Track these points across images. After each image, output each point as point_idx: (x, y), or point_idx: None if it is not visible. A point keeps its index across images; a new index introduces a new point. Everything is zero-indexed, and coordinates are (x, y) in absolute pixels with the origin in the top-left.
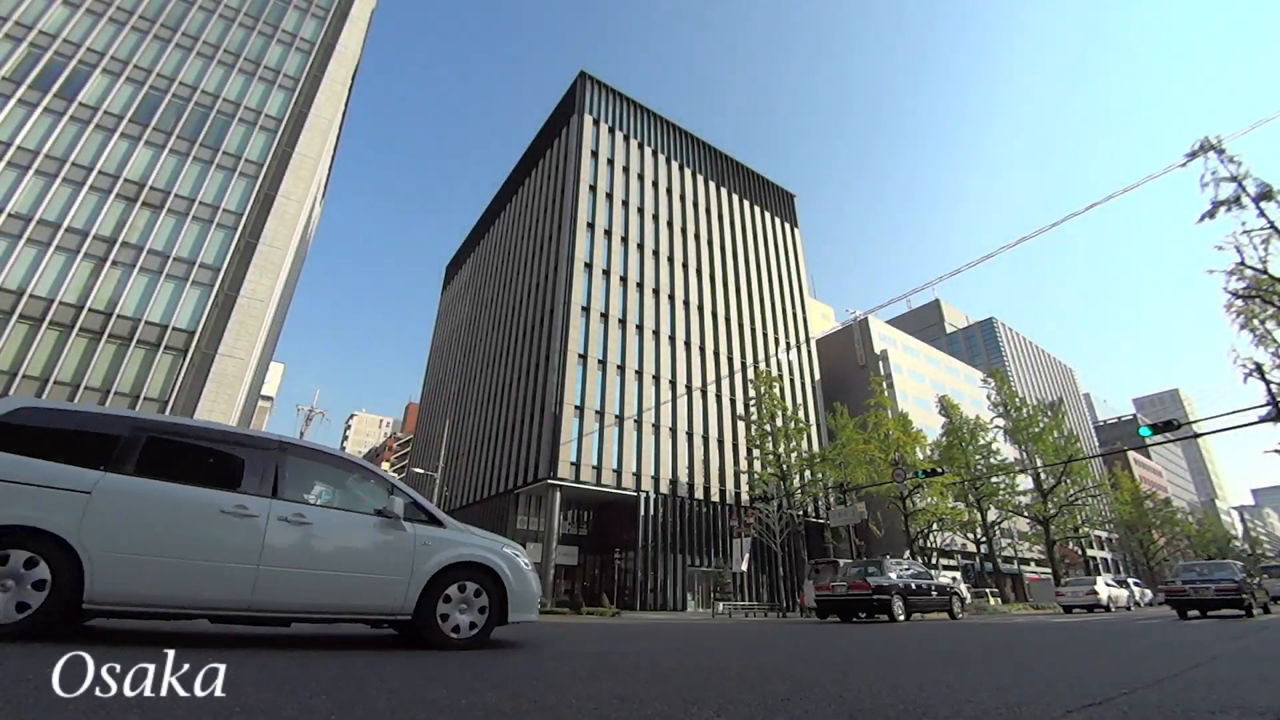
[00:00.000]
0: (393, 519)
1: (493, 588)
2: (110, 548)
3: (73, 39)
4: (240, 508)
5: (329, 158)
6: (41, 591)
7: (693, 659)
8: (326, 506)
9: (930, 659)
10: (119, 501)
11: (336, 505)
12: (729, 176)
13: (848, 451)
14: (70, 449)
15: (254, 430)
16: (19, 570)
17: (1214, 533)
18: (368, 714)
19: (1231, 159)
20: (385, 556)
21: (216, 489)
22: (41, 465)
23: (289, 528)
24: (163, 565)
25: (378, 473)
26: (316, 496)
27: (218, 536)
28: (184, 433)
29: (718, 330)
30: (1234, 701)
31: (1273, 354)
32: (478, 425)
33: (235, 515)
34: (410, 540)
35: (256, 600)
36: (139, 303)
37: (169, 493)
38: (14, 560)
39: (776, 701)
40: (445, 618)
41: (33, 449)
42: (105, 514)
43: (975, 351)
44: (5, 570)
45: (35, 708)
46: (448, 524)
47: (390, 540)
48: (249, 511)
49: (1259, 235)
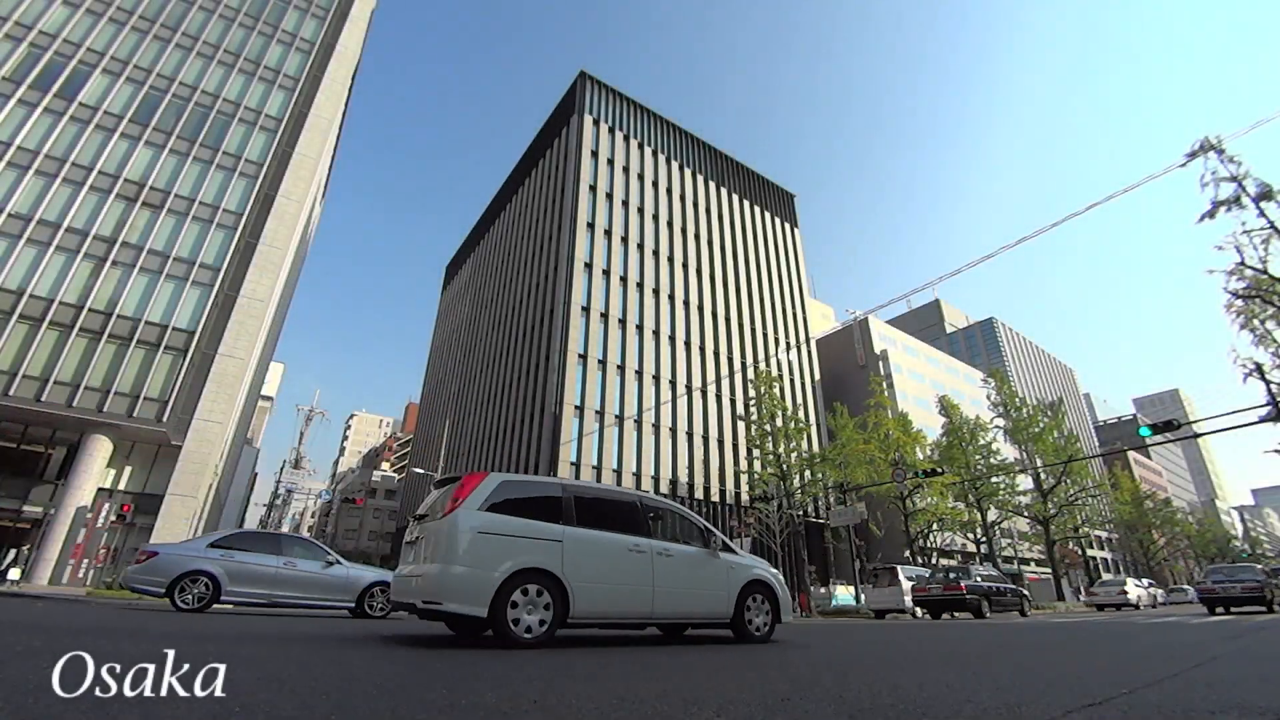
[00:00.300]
0: (713, 551)
1: (771, 597)
2: (578, 579)
3: (73, 39)
4: (637, 546)
5: (329, 158)
6: (549, 612)
7: (692, 658)
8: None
9: (930, 659)
10: (576, 546)
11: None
12: (729, 176)
13: (848, 451)
14: (537, 510)
15: (620, 488)
16: (535, 598)
17: (1214, 533)
18: (367, 714)
19: (1231, 159)
20: (714, 578)
21: (618, 533)
22: (536, 524)
23: (664, 559)
24: (606, 589)
25: (694, 517)
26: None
27: (629, 567)
28: (589, 492)
29: (718, 330)
30: (1234, 701)
31: (1273, 354)
32: (478, 425)
33: (635, 552)
34: (724, 566)
35: (655, 611)
36: (139, 303)
37: (599, 537)
38: (531, 591)
39: (776, 701)
40: (750, 621)
41: (517, 511)
42: (572, 555)
43: (975, 351)
44: (531, 599)
45: (35, 708)
46: (739, 553)
47: (715, 566)
48: (641, 549)
49: (1259, 235)
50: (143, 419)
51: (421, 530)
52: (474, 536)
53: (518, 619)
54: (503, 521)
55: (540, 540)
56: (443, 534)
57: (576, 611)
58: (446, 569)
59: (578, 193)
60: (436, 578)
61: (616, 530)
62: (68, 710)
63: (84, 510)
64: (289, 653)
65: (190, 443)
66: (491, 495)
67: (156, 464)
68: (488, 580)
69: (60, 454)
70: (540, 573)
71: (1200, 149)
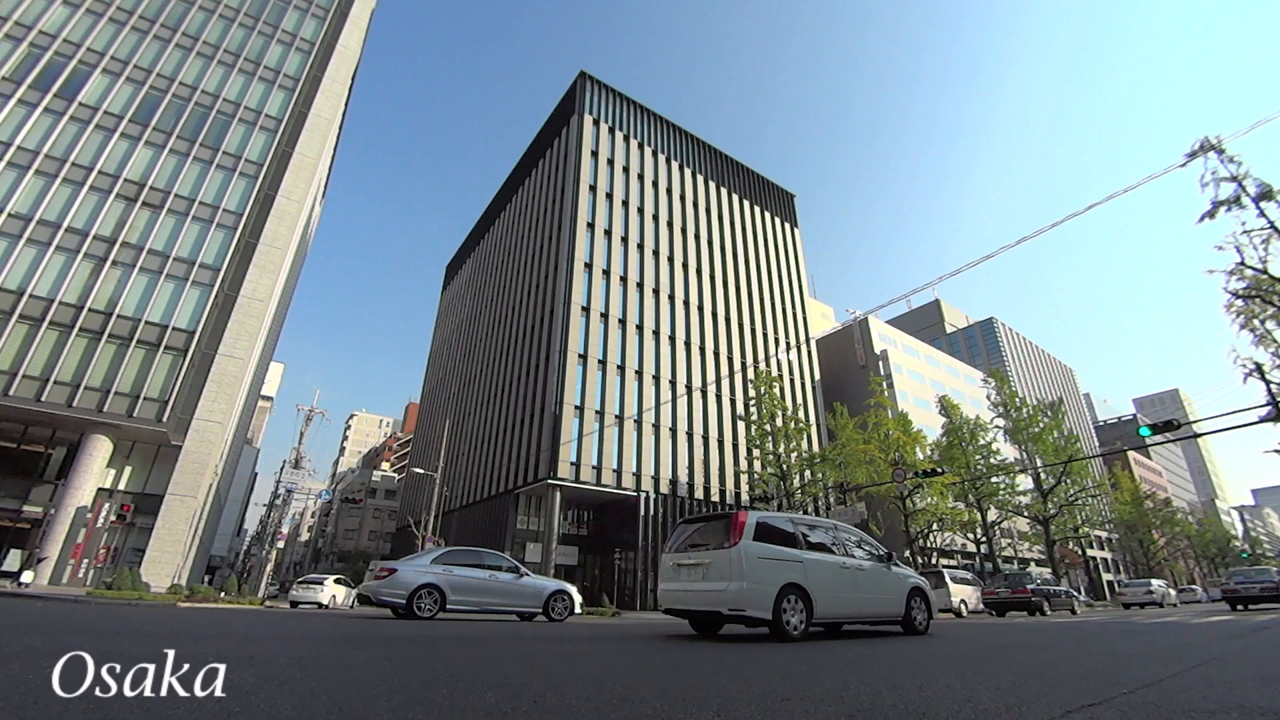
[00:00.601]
0: (886, 563)
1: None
2: (817, 590)
3: (73, 39)
4: (844, 564)
5: (329, 158)
6: (804, 614)
7: (693, 658)
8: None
9: (930, 659)
10: (812, 566)
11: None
12: (729, 176)
13: (848, 451)
14: (780, 539)
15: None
16: (794, 604)
17: (1214, 533)
18: (367, 714)
19: (1231, 159)
20: (891, 585)
21: (827, 554)
22: (786, 550)
23: (859, 572)
24: (832, 597)
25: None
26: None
27: (843, 580)
28: (806, 522)
29: (718, 330)
30: (1234, 701)
31: (1273, 354)
32: (478, 425)
33: (843, 569)
34: (896, 576)
35: (860, 612)
36: (139, 303)
37: (823, 558)
38: (792, 599)
39: (776, 701)
40: (914, 618)
41: (768, 539)
42: (810, 572)
43: (975, 351)
44: (793, 605)
45: (35, 708)
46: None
47: (891, 576)
48: (847, 566)
49: (1259, 235)
50: (143, 419)
51: (702, 556)
52: (756, 561)
53: (788, 620)
54: (771, 549)
55: (791, 562)
56: (737, 560)
57: (817, 614)
58: (744, 585)
59: (578, 193)
60: (739, 592)
61: (829, 553)
62: (68, 710)
63: (84, 510)
64: (289, 652)
65: (190, 443)
66: (755, 529)
67: (156, 464)
68: (769, 592)
69: (60, 454)
70: (795, 586)
71: (1200, 149)
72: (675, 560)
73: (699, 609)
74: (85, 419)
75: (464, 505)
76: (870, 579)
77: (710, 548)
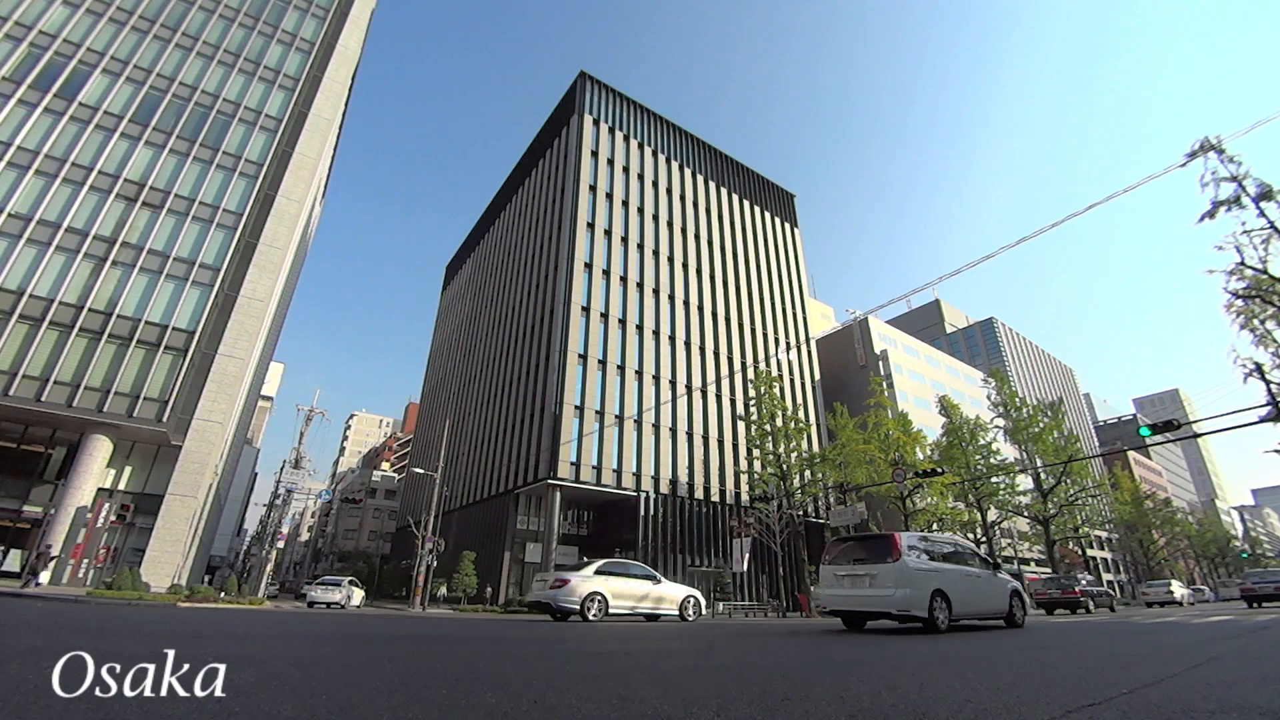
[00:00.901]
0: (995, 572)
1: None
2: (953, 593)
3: (73, 39)
4: (966, 573)
5: (329, 157)
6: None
7: (693, 659)
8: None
9: (930, 659)
10: (948, 574)
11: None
12: (729, 176)
13: (848, 451)
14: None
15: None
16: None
17: (1214, 532)
18: (367, 714)
19: (1231, 159)
20: (998, 588)
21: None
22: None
23: (978, 579)
24: (962, 598)
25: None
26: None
27: (967, 585)
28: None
29: (718, 330)
30: (1234, 701)
31: (1273, 354)
32: (478, 425)
33: (966, 575)
34: (1001, 580)
35: (980, 610)
36: (139, 303)
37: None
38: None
39: (777, 702)
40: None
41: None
42: (948, 579)
43: (975, 351)
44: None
45: (35, 707)
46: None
47: (997, 581)
48: (968, 574)
49: (1259, 235)
50: (143, 419)
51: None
52: (915, 573)
53: (938, 617)
54: (922, 562)
55: (933, 572)
56: (901, 572)
57: (955, 613)
58: (908, 592)
59: (578, 192)
60: (905, 597)
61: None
62: (68, 710)
63: (84, 510)
64: (289, 653)
65: (190, 443)
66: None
67: (156, 464)
68: (925, 596)
69: (60, 454)
70: (940, 591)
71: (1200, 149)
72: (836, 571)
73: (867, 610)
74: (85, 419)
75: (464, 505)
76: (985, 583)
77: (872, 561)
